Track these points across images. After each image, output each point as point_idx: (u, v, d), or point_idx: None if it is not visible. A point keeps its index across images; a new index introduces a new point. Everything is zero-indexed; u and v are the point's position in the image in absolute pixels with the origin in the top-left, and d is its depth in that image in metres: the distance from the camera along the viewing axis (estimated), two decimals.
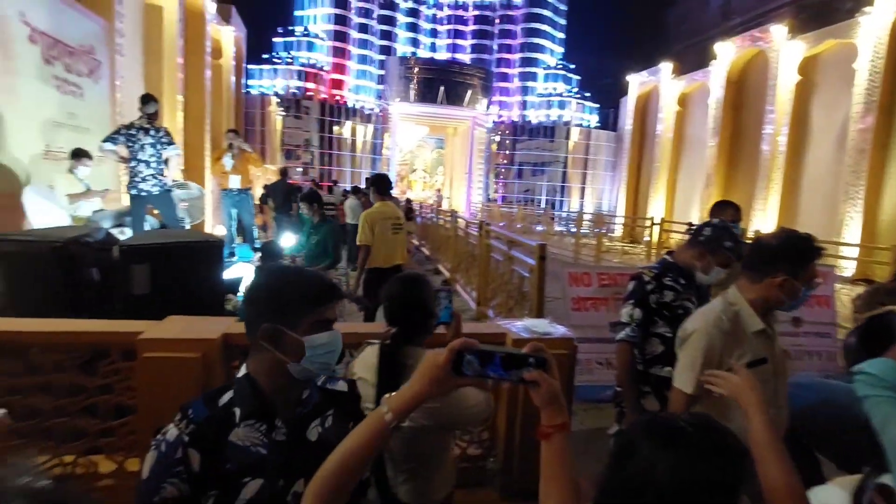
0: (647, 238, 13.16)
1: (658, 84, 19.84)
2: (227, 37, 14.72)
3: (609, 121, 30.22)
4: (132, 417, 2.09)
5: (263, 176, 8.77)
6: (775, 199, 13.93)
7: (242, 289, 4.12)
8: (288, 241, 5.49)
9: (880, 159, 11.12)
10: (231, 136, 7.63)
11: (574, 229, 16.29)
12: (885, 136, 11.07)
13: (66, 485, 0.51)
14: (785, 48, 13.73)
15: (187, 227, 6.29)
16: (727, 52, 15.82)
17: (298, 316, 1.00)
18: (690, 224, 9.76)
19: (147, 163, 5.35)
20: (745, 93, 15.83)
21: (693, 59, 31.83)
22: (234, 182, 7.38)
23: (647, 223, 13.10)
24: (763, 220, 13.91)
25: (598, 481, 0.72)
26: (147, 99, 5.48)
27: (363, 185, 13.13)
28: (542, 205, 26.97)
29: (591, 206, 27.24)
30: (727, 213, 2.99)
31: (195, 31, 11.63)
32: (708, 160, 16.46)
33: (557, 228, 19.22)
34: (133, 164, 5.34)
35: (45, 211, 4.78)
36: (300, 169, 25.89)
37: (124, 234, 5.28)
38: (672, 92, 19.04)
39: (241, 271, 4.89)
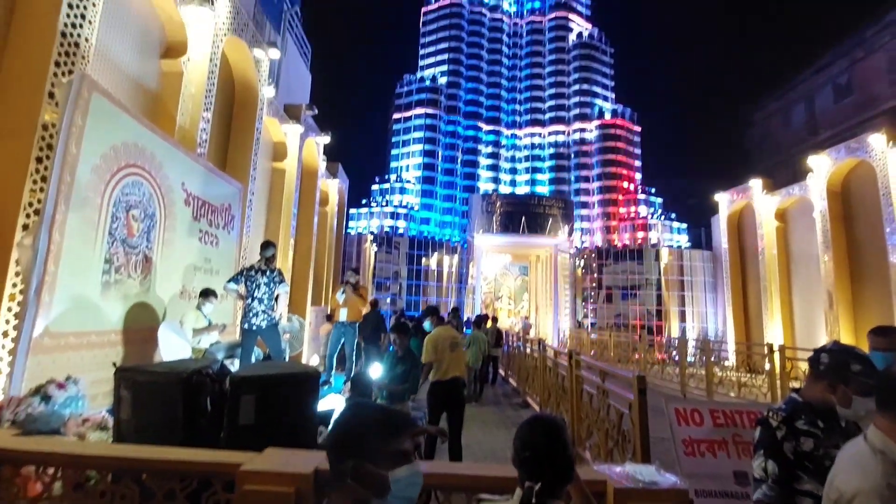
0: (767, 367, 11.57)
1: (750, 201, 19.17)
2: (333, 188, 17.11)
3: (701, 240, 29.10)
4: None
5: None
6: None
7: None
8: (376, 371, 5.62)
9: None
10: (350, 275, 8.45)
11: (677, 357, 14.84)
12: None
13: None
14: (891, 155, 12.92)
15: (287, 357, 6.73)
16: (823, 165, 15.18)
17: (379, 451, 1.04)
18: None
19: (260, 300, 6.02)
20: (854, 203, 14.70)
21: (784, 174, 30.86)
22: (343, 315, 7.96)
23: (766, 350, 11.63)
24: None
25: None
26: (266, 245, 6.36)
27: (446, 315, 13.48)
28: (637, 330, 25.29)
29: (693, 331, 25.04)
30: (883, 342, 2.64)
31: (308, 186, 13.72)
32: (825, 277, 14.85)
33: (658, 357, 17.65)
34: (249, 300, 6.03)
35: (173, 343, 5.43)
36: (389, 299, 27.29)
37: (234, 364, 5.75)
38: (768, 207, 18.20)
39: (333, 403, 5.02)
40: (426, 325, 5.73)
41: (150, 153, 5.36)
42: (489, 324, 12.10)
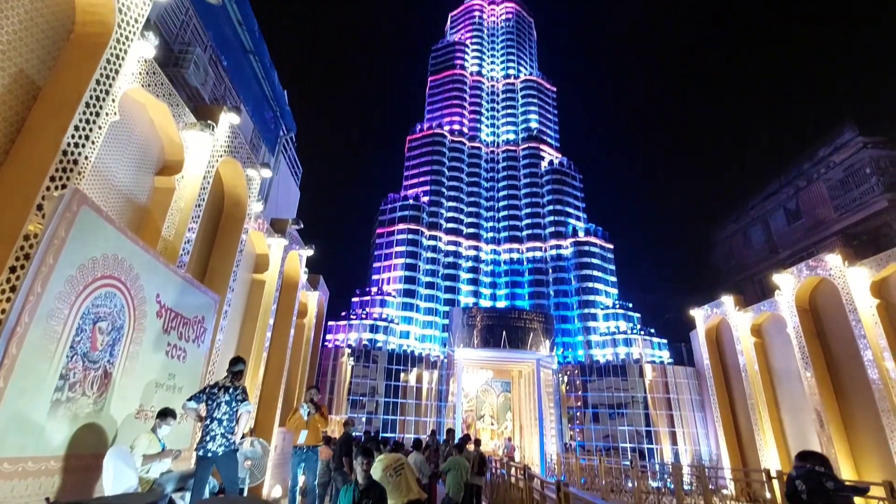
0: (768, 496, 10.79)
1: (725, 316, 19.57)
2: (313, 300, 16.95)
3: (683, 356, 29.02)
4: None
5: (329, 429, 8.90)
6: None
7: None
8: None
9: None
10: (313, 393, 8.07)
11: (671, 484, 13.83)
12: None
13: None
14: (850, 274, 13.63)
15: (246, 489, 6.02)
16: (788, 283, 15.86)
17: None
18: None
19: (220, 421, 5.45)
20: (824, 319, 15.12)
21: (753, 290, 32.13)
22: (302, 438, 7.39)
23: (764, 476, 10.94)
24: None
25: None
26: (235, 361, 5.95)
27: (425, 438, 12.56)
28: (628, 453, 23.89)
29: (686, 454, 23.72)
30: (802, 465, 2.90)
31: (287, 297, 13.57)
32: (811, 395, 14.67)
33: (652, 484, 16.42)
34: (207, 421, 5.47)
35: (119, 471, 4.83)
36: (364, 418, 25.62)
37: (184, 499, 5.11)
38: (742, 323, 18.55)
39: None
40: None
41: (128, 265, 5.32)
42: (471, 446, 11.23)
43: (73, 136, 4.85)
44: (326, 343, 29.33)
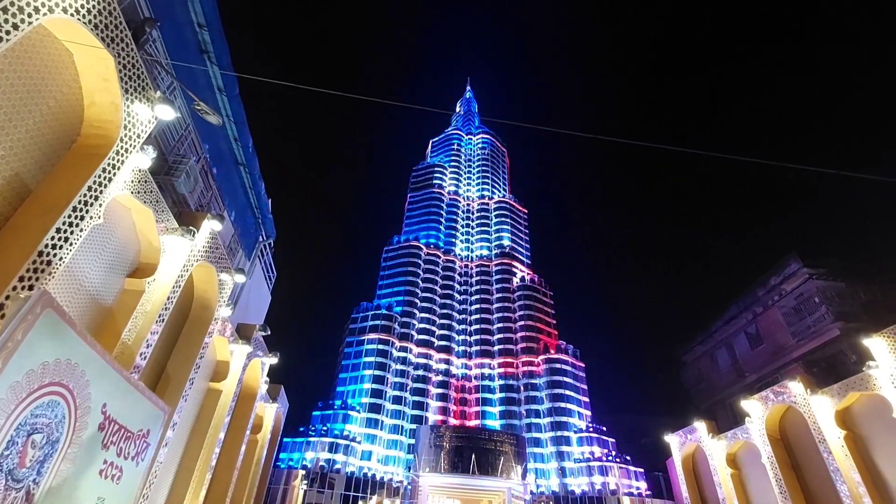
0: None
1: (700, 443, 19.04)
2: (270, 413, 15.85)
3: (661, 486, 27.54)
4: None
5: None
6: None
7: None
8: None
9: None
10: None
11: None
12: None
13: None
14: (814, 403, 13.75)
15: None
16: (756, 409, 15.84)
17: None
18: None
19: None
20: (797, 449, 14.87)
21: (724, 415, 31.72)
22: None
23: None
24: None
25: None
26: None
27: None
28: None
29: None
30: None
31: (243, 409, 12.68)
32: None
33: None
34: None
35: None
36: None
37: None
38: (718, 451, 18.02)
39: None
40: None
41: (80, 371, 5.04)
42: None
43: (52, 238, 4.90)
44: (279, 463, 26.79)
